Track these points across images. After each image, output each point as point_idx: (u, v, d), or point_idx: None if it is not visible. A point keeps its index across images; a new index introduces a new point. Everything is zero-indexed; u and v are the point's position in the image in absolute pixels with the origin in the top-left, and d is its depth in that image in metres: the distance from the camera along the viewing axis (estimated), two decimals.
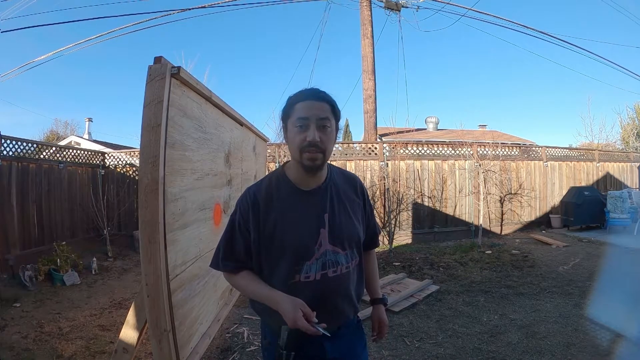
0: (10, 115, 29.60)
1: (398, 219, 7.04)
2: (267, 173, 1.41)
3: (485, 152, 7.90)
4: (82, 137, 15.35)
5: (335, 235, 1.11)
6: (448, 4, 9.02)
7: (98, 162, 7.29)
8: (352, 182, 1.25)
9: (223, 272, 1.20)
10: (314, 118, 1.04)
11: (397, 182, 7.20)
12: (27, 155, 5.49)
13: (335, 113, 1.10)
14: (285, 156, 6.93)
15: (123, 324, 1.82)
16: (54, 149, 6.49)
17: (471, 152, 7.69)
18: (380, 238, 6.24)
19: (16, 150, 5.27)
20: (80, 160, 6.81)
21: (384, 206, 7.12)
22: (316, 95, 1.07)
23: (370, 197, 6.99)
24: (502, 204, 7.80)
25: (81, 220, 6.55)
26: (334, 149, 7.30)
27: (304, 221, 1.10)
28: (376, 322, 1.32)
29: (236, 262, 1.14)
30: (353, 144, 8.40)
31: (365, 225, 1.24)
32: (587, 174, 9.21)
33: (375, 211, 7.17)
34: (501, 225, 7.89)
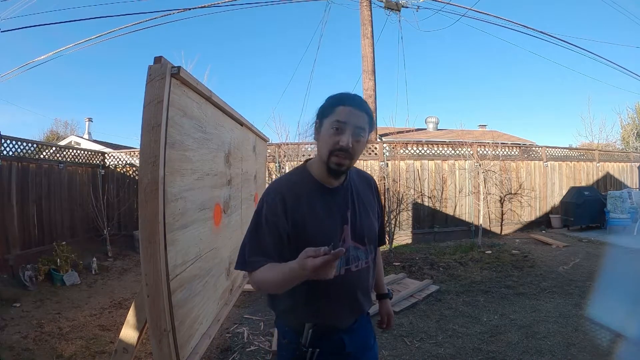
0: (11, 115, 29.67)
1: (398, 219, 7.04)
2: (267, 173, 1.42)
3: (485, 152, 7.90)
4: (82, 137, 15.34)
5: (357, 232, 1.15)
6: (448, 4, 9.02)
7: (98, 162, 7.29)
8: (368, 182, 1.30)
9: (249, 273, 1.10)
10: (351, 125, 1.04)
11: (397, 182, 7.20)
12: (27, 155, 5.49)
13: (371, 125, 1.11)
14: (284, 156, 6.93)
15: (123, 324, 1.82)
16: (54, 149, 6.49)
17: (471, 152, 7.69)
18: None
19: (16, 150, 5.27)
20: (80, 160, 6.81)
21: (384, 206, 7.12)
22: (358, 104, 1.07)
23: None
24: (502, 204, 7.80)
25: (81, 220, 6.55)
26: None
27: (330, 217, 1.12)
28: (385, 316, 1.41)
29: (265, 256, 1.07)
30: None
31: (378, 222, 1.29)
32: (587, 174, 9.21)
33: None
34: (501, 225, 7.89)
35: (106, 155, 7.58)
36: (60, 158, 6.24)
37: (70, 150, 6.82)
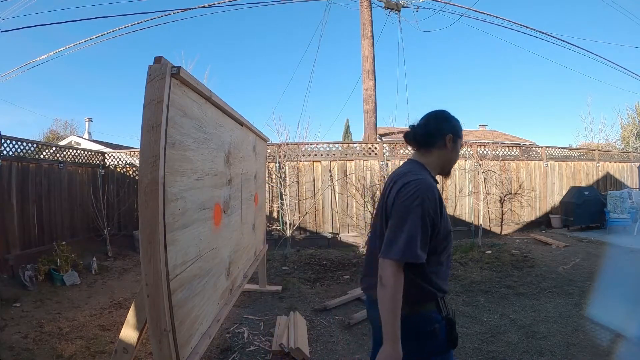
0: (11, 115, 29.68)
1: None
2: (266, 173, 1.44)
3: (485, 152, 7.90)
4: (82, 137, 15.33)
5: None
6: (448, 4, 9.01)
7: (98, 162, 7.29)
8: None
9: (393, 265, 1.17)
10: None
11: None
12: (27, 155, 5.48)
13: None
14: (284, 156, 6.93)
15: (123, 324, 1.82)
16: (54, 149, 6.48)
17: (471, 152, 7.69)
18: None
19: (16, 150, 5.27)
20: (80, 160, 6.81)
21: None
22: None
23: (370, 197, 7.07)
24: (502, 204, 7.80)
25: (81, 220, 6.55)
26: (335, 149, 7.32)
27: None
28: None
29: (424, 251, 1.21)
30: (353, 144, 8.40)
31: None
32: (587, 174, 9.21)
33: (375, 211, 7.19)
34: (501, 225, 7.89)
35: (106, 155, 7.57)
36: (60, 158, 6.24)
37: (70, 150, 6.81)
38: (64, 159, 6.32)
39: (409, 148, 7.66)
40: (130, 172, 7.38)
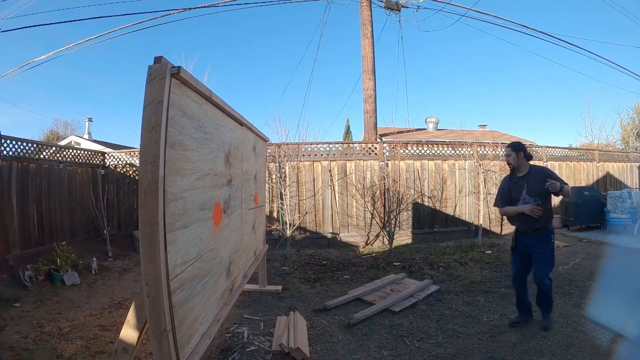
0: (11, 115, 29.66)
1: (398, 219, 7.03)
2: (267, 173, 1.44)
3: (485, 152, 7.90)
4: (82, 137, 15.35)
5: (531, 191, 3.14)
6: (448, 4, 9.02)
7: (98, 162, 7.29)
8: (542, 171, 3.32)
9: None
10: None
11: (397, 182, 7.20)
12: (27, 155, 5.48)
13: (515, 150, 3.33)
14: (284, 156, 6.93)
15: (123, 324, 1.82)
16: (54, 149, 6.48)
17: (471, 152, 7.69)
18: (380, 238, 6.43)
19: (16, 150, 5.27)
20: (80, 160, 6.81)
21: (384, 206, 7.12)
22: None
23: (370, 197, 7.07)
24: None
25: (81, 220, 6.55)
26: (335, 149, 7.38)
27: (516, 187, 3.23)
28: None
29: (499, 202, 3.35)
30: (353, 144, 8.40)
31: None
32: (587, 174, 9.20)
33: (375, 211, 7.20)
34: (501, 225, 7.89)
35: (106, 155, 7.58)
36: (60, 158, 6.24)
37: (70, 150, 6.81)
38: (64, 159, 6.32)
39: (409, 148, 7.71)
40: (130, 172, 7.38)
